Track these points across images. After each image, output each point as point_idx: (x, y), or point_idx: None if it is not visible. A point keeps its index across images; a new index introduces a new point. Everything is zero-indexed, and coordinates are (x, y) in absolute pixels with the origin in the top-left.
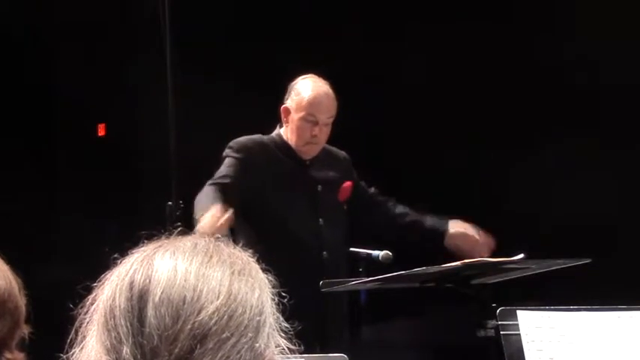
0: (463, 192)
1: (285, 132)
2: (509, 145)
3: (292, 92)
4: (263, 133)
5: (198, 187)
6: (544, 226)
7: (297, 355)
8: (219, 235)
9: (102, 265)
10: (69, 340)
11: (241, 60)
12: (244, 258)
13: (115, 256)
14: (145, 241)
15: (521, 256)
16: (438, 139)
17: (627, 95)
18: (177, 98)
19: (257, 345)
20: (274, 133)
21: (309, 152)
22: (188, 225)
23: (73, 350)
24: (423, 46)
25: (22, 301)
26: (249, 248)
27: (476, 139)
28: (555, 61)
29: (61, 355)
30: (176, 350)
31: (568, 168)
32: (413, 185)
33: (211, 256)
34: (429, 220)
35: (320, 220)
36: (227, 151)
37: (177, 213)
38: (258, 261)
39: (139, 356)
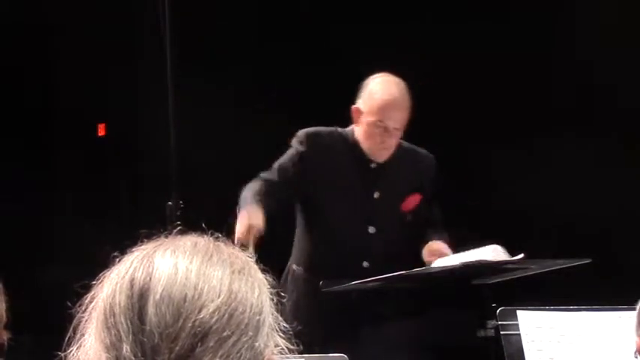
0: (463, 192)
1: (358, 132)
2: (509, 146)
3: (364, 92)
4: (263, 133)
5: (199, 187)
6: (544, 226)
7: (297, 355)
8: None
9: (102, 265)
10: (67, 339)
11: (242, 59)
12: (243, 258)
13: (115, 254)
14: (145, 240)
15: (521, 256)
16: (438, 139)
17: (627, 95)
18: (177, 98)
19: (257, 344)
20: (349, 129)
21: (381, 157)
22: (188, 225)
23: (70, 349)
24: (423, 46)
25: (2, 307)
26: (302, 246)
27: (476, 138)
28: (556, 60)
29: (60, 353)
30: (177, 348)
31: (568, 168)
32: None
33: (211, 255)
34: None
35: (370, 228)
36: (293, 140)
37: (178, 213)
38: (257, 262)
39: (139, 354)
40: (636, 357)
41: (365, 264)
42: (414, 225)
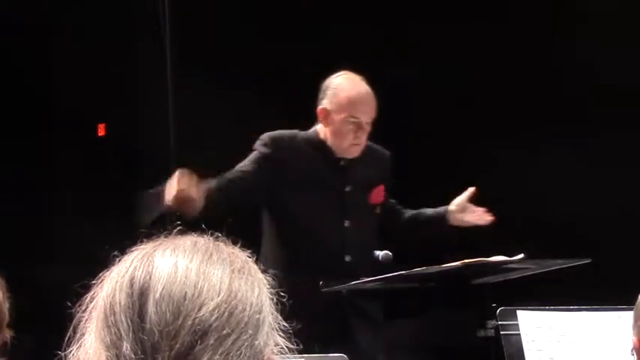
0: (462, 192)
1: (324, 132)
2: (509, 146)
3: (329, 92)
4: (263, 132)
5: None
6: (544, 226)
7: (297, 355)
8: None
9: (102, 265)
10: (67, 338)
11: (242, 59)
12: (243, 257)
13: (115, 253)
14: (144, 240)
15: (521, 256)
16: (438, 140)
17: (626, 95)
18: (177, 98)
19: (256, 342)
20: (311, 130)
21: (353, 153)
22: (188, 225)
23: (70, 348)
24: (422, 46)
25: (5, 306)
26: (276, 249)
27: (476, 139)
28: (555, 61)
29: (60, 353)
30: (177, 346)
31: (568, 168)
32: (412, 185)
33: (211, 254)
34: (430, 210)
35: (346, 222)
36: (256, 144)
37: (178, 213)
38: (256, 262)
39: (139, 352)
40: (632, 355)
41: (347, 258)
42: (381, 217)
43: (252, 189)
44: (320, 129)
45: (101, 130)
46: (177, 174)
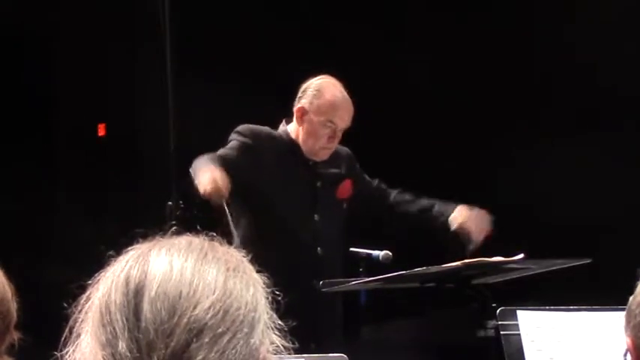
0: (463, 193)
1: (296, 131)
2: (509, 146)
3: (310, 93)
4: None
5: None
6: (544, 226)
7: (297, 355)
8: (218, 198)
9: (101, 265)
10: (63, 339)
11: (242, 60)
12: (238, 256)
13: (111, 253)
14: (140, 240)
15: (521, 256)
16: (438, 140)
17: (628, 95)
18: (177, 98)
19: (252, 341)
20: (280, 130)
21: (321, 157)
22: (188, 225)
23: (67, 349)
24: (424, 46)
25: (13, 306)
26: (248, 237)
27: (476, 139)
28: (557, 61)
29: (56, 353)
30: (172, 344)
31: (568, 168)
32: (412, 186)
33: (206, 253)
34: (437, 207)
35: (315, 216)
36: (233, 135)
37: (178, 213)
38: (252, 261)
39: (135, 350)
40: (625, 357)
41: (319, 250)
42: (352, 211)
43: (234, 175)
44: (291, 130)
45: (101, 130)
46: (216, 173)
